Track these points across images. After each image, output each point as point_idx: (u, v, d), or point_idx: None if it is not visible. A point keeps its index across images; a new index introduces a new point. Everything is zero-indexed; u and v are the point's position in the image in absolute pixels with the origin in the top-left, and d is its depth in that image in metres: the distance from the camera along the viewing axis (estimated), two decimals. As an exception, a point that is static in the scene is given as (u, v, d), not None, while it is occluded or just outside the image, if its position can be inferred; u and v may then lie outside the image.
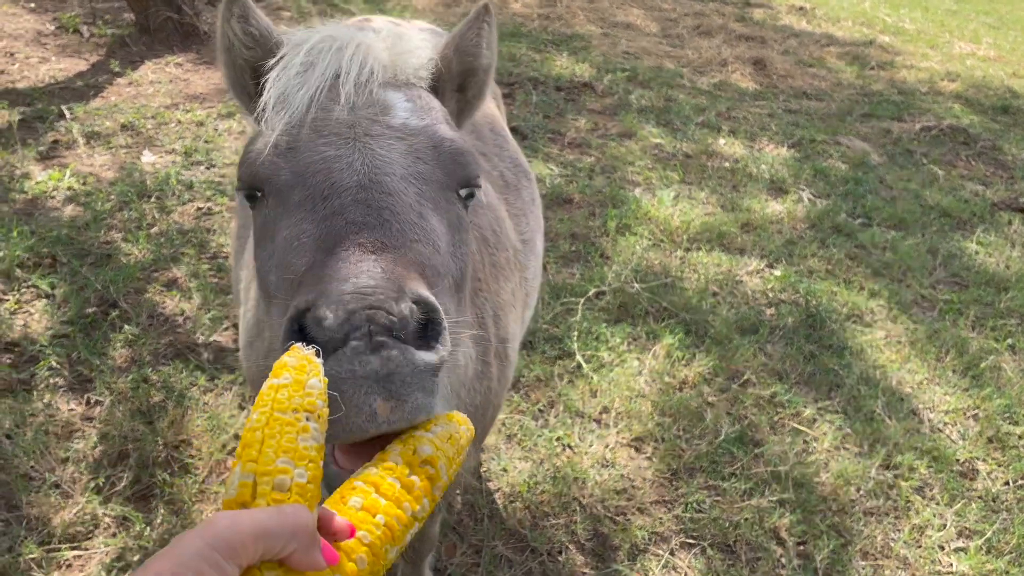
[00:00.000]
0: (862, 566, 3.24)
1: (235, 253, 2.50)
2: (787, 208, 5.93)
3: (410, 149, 1.39)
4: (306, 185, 1.30)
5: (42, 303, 3.98)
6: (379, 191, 1.26)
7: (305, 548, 0.87)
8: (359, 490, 1.03)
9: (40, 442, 3.23)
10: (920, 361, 4.47)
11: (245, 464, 0.94)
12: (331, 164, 1.30)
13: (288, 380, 1.00)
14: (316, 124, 1.38)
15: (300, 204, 1.29)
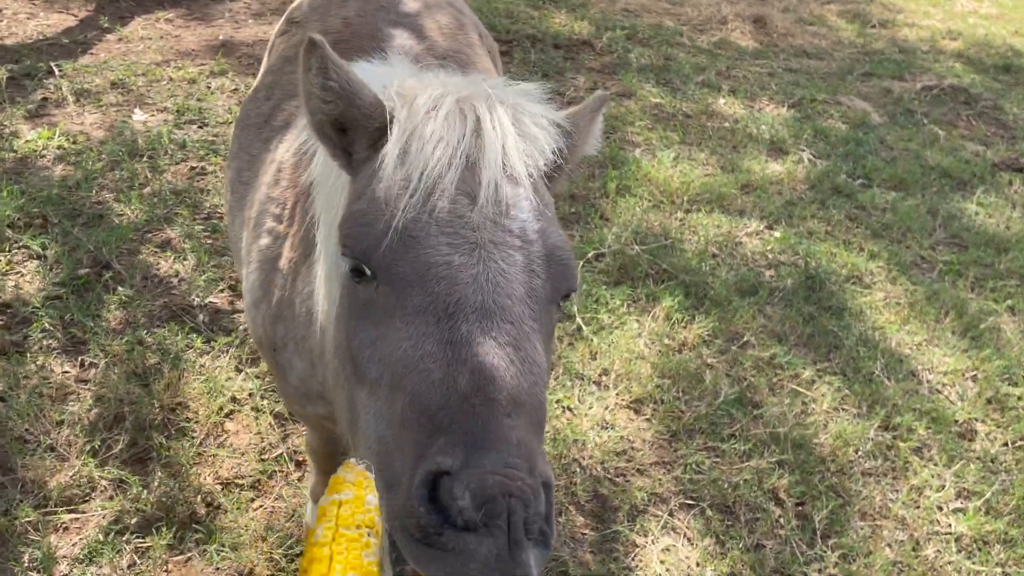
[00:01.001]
0: (860, 526, 3.25)
1: (231, 209, 2.44)
2: (787, 169, 5.87)
3: (527, 261, 1.32)
4: (427, 291, 1.23)
5: (34, 264, 3.92)
6: (503, 318, 1.21)
7: None
8: None
9: (34, 405, 3.20)
10: (919, 322, 4.45)
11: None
12: (456, 274, 1.23)
13: (350, 496, 1.07)
14: (440, 217, 1.28)
15: (421, 312, 1.22)
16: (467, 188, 1.32)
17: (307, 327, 1.93)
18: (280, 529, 2.95)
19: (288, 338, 1.98)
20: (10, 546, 2.75)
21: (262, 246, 2.04)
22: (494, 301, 1.22)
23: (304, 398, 2.08)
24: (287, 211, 1.99)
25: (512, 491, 1.01)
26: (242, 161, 2.36)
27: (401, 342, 1.21)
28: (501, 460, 1.04)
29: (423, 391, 1.14)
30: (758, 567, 3.04)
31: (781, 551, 3.12)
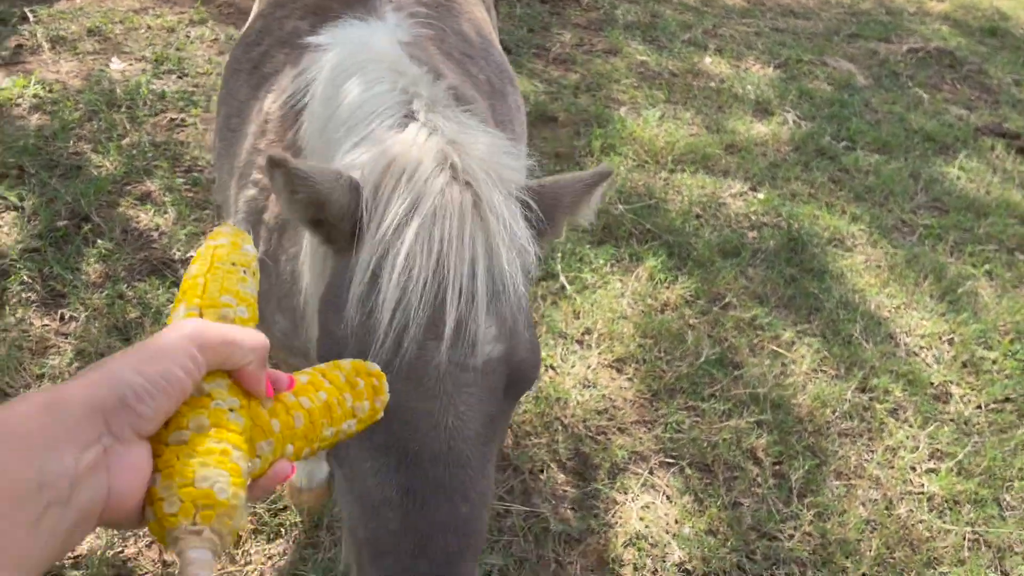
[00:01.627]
0: (836, 485, 3.32)
1: (219, 156, 2.39)
2: (772, 130, 5.86)
3: (488, 392, 1.33)
4: (391, 432, 1.28)
5: (11, 216, 3.86)
6: (457, 463, 1.28)
7: (257, 365, 0.93)
8: (308, 372, 1.09)
9: (14, 358, 3.17)
10: (898, 286, 4.50)
11: (190, 301, 0.99)
12: (417, 421, 1.28)
13: (225, 243, 1.08)
14: (407, 362, 1.29)
15: (383, 450, 1.30)
16: (435, 331, 1.30)
17: (291, 285, 1.92)
18: (264, 484, 2.96)
19: (271, 294, 1.97)
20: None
21: (248, 197, 2.02)
22: (450, 447, 1.28)
23: (287, 351, 2.08)
24: None
25: None
26: (231, 107, 2.32)
27: (368, 475, 1.31)
28: None
29: (381, 537, 1.28)
30: (735, 524, 3.10)
31: (758, 509, 3.18)
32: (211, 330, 0.90)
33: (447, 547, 1.26)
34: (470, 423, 1.30)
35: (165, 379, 0.82)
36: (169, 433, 0.86)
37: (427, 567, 1.24)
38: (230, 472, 0.85)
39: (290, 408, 1.00)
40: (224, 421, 0.89)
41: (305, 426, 1.00)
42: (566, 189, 1.53)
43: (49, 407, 0.76)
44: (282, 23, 2.38)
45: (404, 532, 1.26)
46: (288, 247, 1.89)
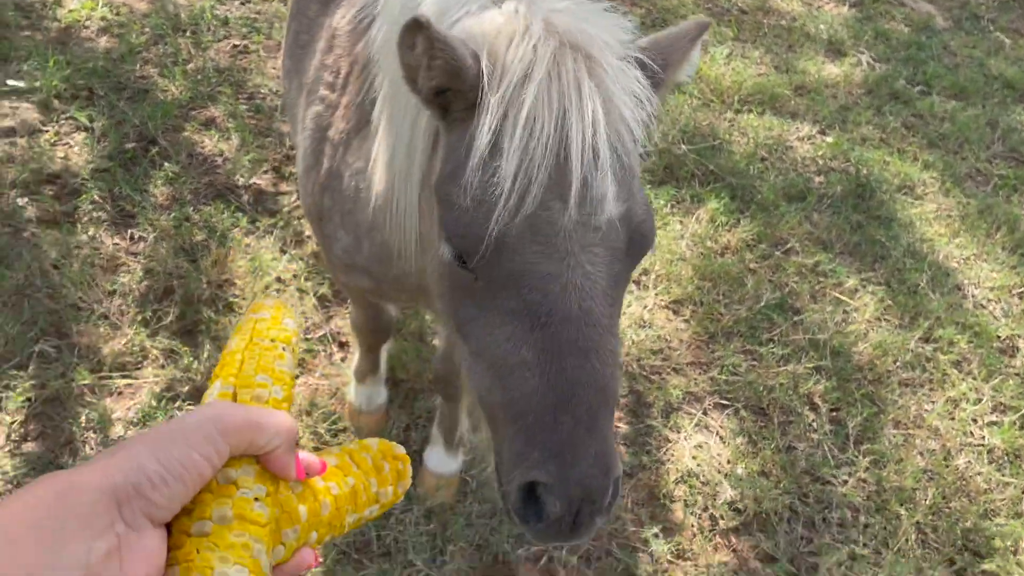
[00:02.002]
0: (893, 434, 3.28)
1: (288, 73, 2.39)
2: (844, 72, 5.66)
3: (611, 255, 1.35)
4: (521, 297, 1.30)
5: (81, 136, 3.93)
6: (587, 323, 1.29)
7: (285, 450, 0.91)
8: (336, 454, 1.07)
9: (87, 274, 3.27)
10: (969, 236, 4.36)
11: (226, 379, 0.98)
12: (547, 284, 1.29)
13: (267, 316, 1.07)
14: (533, 224, 1.29)
15: (516, 315, 1.31)
16: (559, 190, 1.31)
17: (354, 201, 1.93)
18: (323, 406, 3.04)
19: (334, 210, 1.99)
20: (68, 407, 2.86)
21: (314, 113, 2.02)
22: (580, 307, 1.29)
23: (348, 269, 2.10)
24: (340, 79, 1.96)
25: (587, 496, 1.25)
26: (300, 23, 2.31)
27: (500, 341, 1.33)
28: (583, 473, 1.24)
29: (519, 399, 1.30)
30: (789, 468, 3.09)
31: (812, 454, 3.16)
32: (235, 414, 0.88)
33: (588, 403, 1.27)
34: (598, 283, 1.31)
35: (183, 465, 0.80)
36: (192, 522, 0.84)
37: (570, 423, 1.26)
38: (249, 568, 0.83)
39: (318, 494, 0.98)
40: (248, 512, 0.87)
41: (331, 513, 0.99)
42: (672, 44, 1.52)
43: (62, 495, 0.74)
44: None
45: (544, 391, 1.28)
46: (352, 162, 1.89)
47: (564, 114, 1.33)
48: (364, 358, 2.90)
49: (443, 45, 1.31)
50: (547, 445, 1.26)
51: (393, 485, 1.10)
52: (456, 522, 2.76)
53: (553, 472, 1.24)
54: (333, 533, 1.01)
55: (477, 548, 2.74)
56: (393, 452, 1.12)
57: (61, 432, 2.81)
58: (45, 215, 3.51)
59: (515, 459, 1.29)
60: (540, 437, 1.27)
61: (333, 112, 1.98)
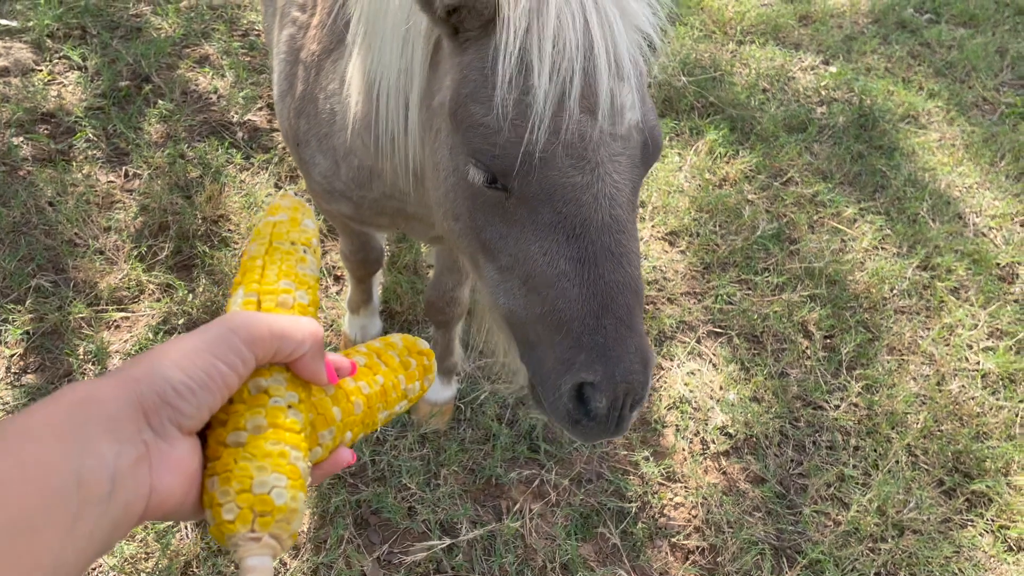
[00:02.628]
0: (887, 360, 3.29)
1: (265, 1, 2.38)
2: (850, 1, 5.53)
3: (631, 160, 1.39)
4: (556, 209, 1.34)
5: (75, 75, 3.92)
6: (618, 230, 1.35)
7: (313, 355, 0.90)
8: (364, 352, 1.08)
9: (82, 211, 3.29)
10: (973, 164, 4.31)
11: (248, 286, 0.96)
12: (580, 195, 1.33)
13: (284, 218, 1.04)
14: (565, 139, 1.32)
15: (551, 228, 1.35)
16: (587, 104, 1.33)
17: (330, 124, 1.92)
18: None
19: (311, 134, 1.98)
20: (65, 339, 2.90)
21: (287, 36, 2.01)
22: (611, 215, 1.34)
23: (328, 195, 2.10)
24: (309, 0, 1.94)
25: (630, 391, 1.32)
26: None
27: (536, 255, 1.37)
28: (626, 370, 1.31)
29: (563, 307, 1.34)
30: (780, 393, 3.11)
31: (805, 379, 3.18)
32: (259, 324, 0.86)
33: (626, 304, 1.34)
34: (623, 190, 1.36)
35: (207, 374, 0.79)
36: (227, 433, 0.84)
37: (613, 324, 1.32)
38: (288, 475, 0.83)
39: (350, 394, 1.00)
40: (282, 420, 0.87)
41: (364, 411, 1.01)
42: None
43: (84, 403, 0.73)
44: None
45: (586, 297, 1.33)
46: (326, 84, 1.88)
47: (586, 25, 1.33)
48: (356, 289, 2.92)
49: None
50: (593, 347, 1.32)
51: (420, 380, 1.11)
52: (449, 447, 2.80)
53: (600, 371, 1.31)
54: (367, 431, 1.04)
55: (470, 472, 2.78)
56: (418, 347, 1.14)
57: (60, 364, 2.86)
58: (40, 154, 3.53)
59: (561, 365, 1.35)
60: (585, 340, 1.32)
61: (304, 33, 1.96)
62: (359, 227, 2.41)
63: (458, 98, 1.41)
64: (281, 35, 2.05)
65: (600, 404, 1.32)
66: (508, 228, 1.40)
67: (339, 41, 1.86)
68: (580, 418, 1.35)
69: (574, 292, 1.33)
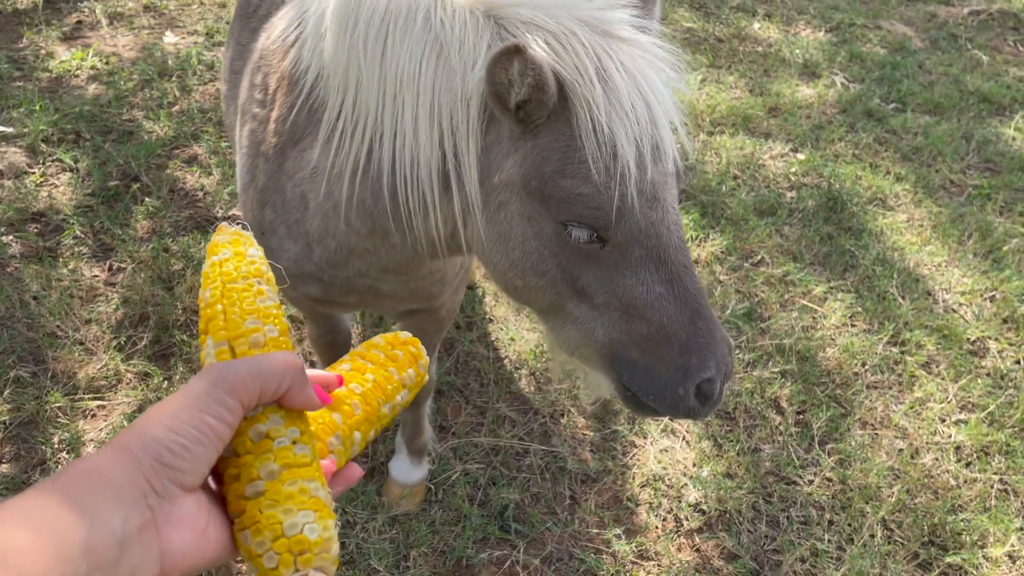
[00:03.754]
0: (859, 434, 3.30)
1: (226, 99, 2.51)
2: (818, 93, 5.76)
3: (675, 189, 1.65)
4: (643, 246, 1.56)
5: (66, 176, 4.08)
6: (684, 249, 1.61)
7: (299, 384, 0.92)
8: (347, 359, 1.10)
9: (65, 304, 3.38)
10: (940, 244, 4.41)
11: (216, 335, 0.96)
12: (658, 229, 1.57)
13: (228, 255, 1.03)
14: (639, 186, 1.55)
15: (641, 263, 1.58)
16: (655, 154, 1.59)
17: (302, 211, 2.00)
18: (292, 421, 3.10)
19: (278, 222, 2.06)
20: (41, 428, 2.94)
21: (248, 131, 2.12)
22: (678, 237, 1.60)
23: (296, 279, 2.16)
24: (268, 95, 2.06)
25: (728, 372, 1.60)
26: (234, 51, 2.44)
27: (635, 286, 1.59)
28: (723, 356, 1.58)
29: (667, 322, 1.58)
30: (753, 468, 3.12)
31: (778, 455, 3.18)
32: (238, 370, 0.88)
33: (706, 303, 1.61)
34: (678, 216, 1.63)
35: (198, 429, 0.82)
36: (244, 486, 0.86)
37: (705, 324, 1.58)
38: (314, 508, 0.86)
39: (344, 398, 1.03)
40: (292, 459, 0.89)
41: (365, 410, 1.03)
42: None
43: (89, 474, 0.76)
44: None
45: (682, 310, 1.58)
46: (293, 172, 1.97)
47: (644, 90, 1.58)
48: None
49: (535, 65, 1.50)
50: (699, 349, 1.57)
51: (413, 367, 1.13)
52: (419, 529, 2.80)
53: (712, 367, 1.56)
54: (376, 426, 1.06)
55: (440, 554, 2.77)
56: (400, 339, 1.15)
57: (35, 453, 2.89)
58: (28, 251, 3.65)
59: (678, 373, 1.59)
60: (692, 344, 1.57)
61: (265, 127, 2.07)
62: (325, 309, 2.48)
63: (542, 176, 1.61)
64: (243, 131, 2.16)
65: (716, 391, 1.58)
66: (602, 271, 1.62)
67: (304, 133, 1.97)
68: (701, 409, 1.59)
69: (672, 308, 1.58)
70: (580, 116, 1.54)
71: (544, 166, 1.60)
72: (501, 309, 3.70)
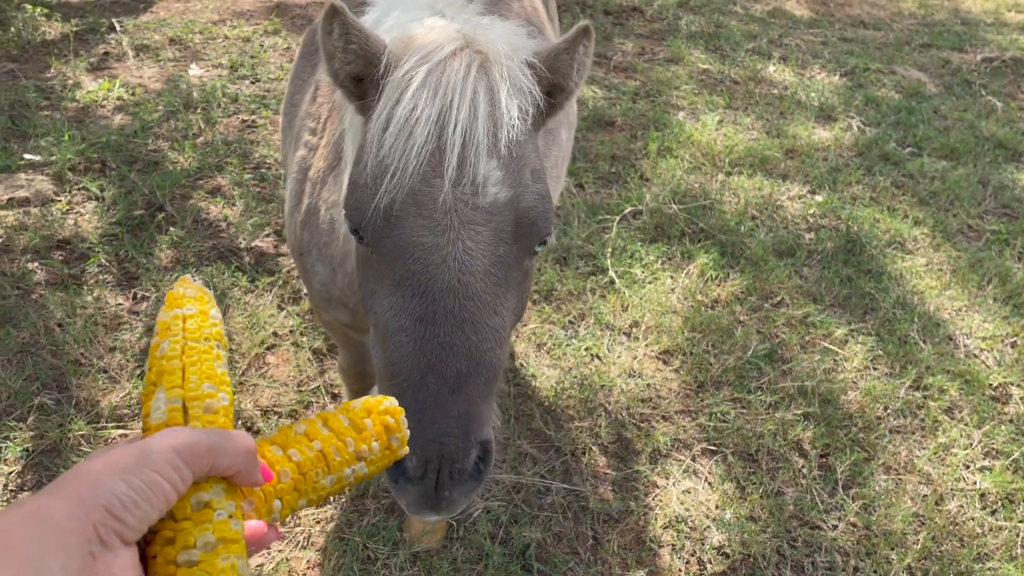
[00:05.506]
0: (883, 479, 3.27)
1: (284, 131, 2.57)
2: (834, 135, 5.81)
3: (495, 234, 1.44)
4: (406, 267, 1.41)
5: (92, 205, 4.12)
6: (466, 296, 1.39)
7: (248, 470, 0.94)
8: (308, 421, 1.08)
9: (89, 332, 3.39)
10: (960, 288, 4.40)
11: (170, 391, 0.96)
12: (428, 255, 1.39)
13: (193, 311, 1.03)
14: (417, 197, 1.41)
15: (400, 285, 1.42)
16: (441, 169, 1.42)
17: (329, 234, 2.05)
18: (314, 454, 3.09)
19: (312, 244, 2.10)
20: (63, 456, 2.93)
21: (299, 158, 2.16)
22: (459, 280, 1.39)
23: (326, 302, 2.19)
24: (320, 124, 2.10)
25: (443, 453, 1.33)
26: (295, 85, 2.49)
27: (386, 309, 1.44)
28: (440, 431, 1.33)
29: (396, 361, 1.40)
30: (777, 512, 3.09)
31: (801, 498, 3.16)
32: (199, 442, 0.89)
33: (457, 368, 1.37)
34: (478, 259, 1.41)
35: (151, 489, 0.83)
36: (177, 552, 0.86)
37: (435, 384, 1.35)
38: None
39: (274, 463, 1.00)
40: (228, 533, 0.89)
41: (294, 478, 1.01)
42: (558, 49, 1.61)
43: (33, 516, 0.76)
44: None
45: (416, 354, 1.37)
46: (327, 196, 2.02)
47: (446, 101, 1.45)
48: (351, 404, 2.95)
49: (357, 30, 1.45)
50: (410, 403, 1.34)
51: (381, 439, 1.08)
52: (441, 566, 2.77)
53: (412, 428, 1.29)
54: (307, 498, 1.02)
55: (462, 593, 2.74)
56: (379, 407, 1.10)
57: (56, 481, 2.87)
58: (53, 278, 3.66)
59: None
60: (406, 396, 1.36)
61: (314, 154, 2.12)
62: (357, 336, 2.49)
63: (353, 162, 1.54)
64: (295, 156, 2.21)
65: (411, 463, 1.34)
66: (375, 283, 1.48)
67: (339, 158, 2.01)
68: (397, 477, 1.38)
69: (407, 348, 1.39)
70: (376, 101, 1.47)
71: (356, 154, 1.54)
72: (521, 345, 3.70)
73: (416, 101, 1.43)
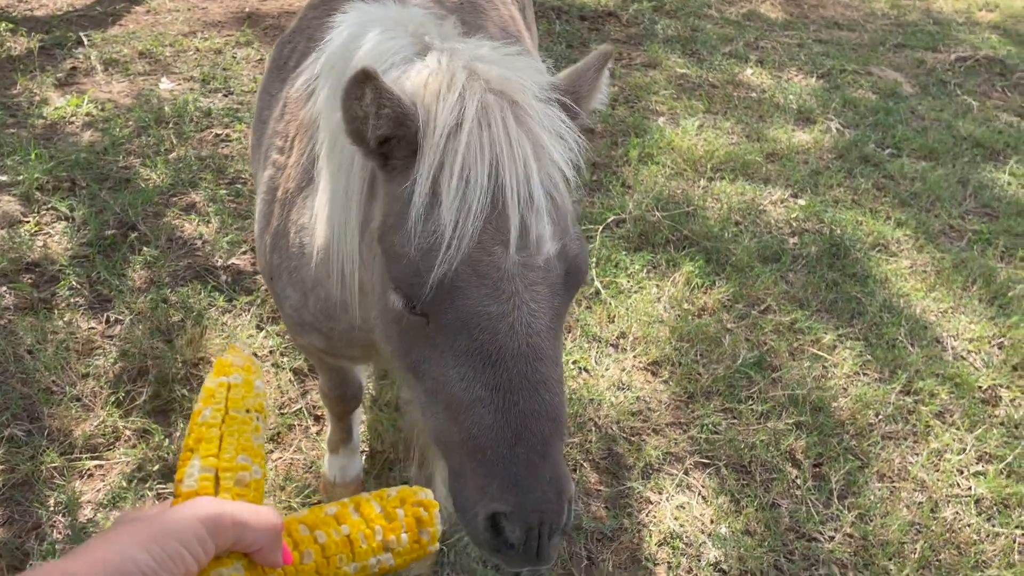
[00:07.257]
0: (878, 487, 3.23)
1: (253, 148, 2.48)
2: (814, 138, 5.79)
3: (550, 288, 1.42)
4: (472, 337, 1.36)
5: (61, 225, 4.00)
6: (535, 358, 1.37)
7: (271, 548, 0.94)
8: (341, 504, 1.08)
9: (61, 358, 3.27)
10: (945, 290, 4.39)
11: (205, 458, 0.97)
12: (495, 324, 1.35)
13: (239, 380, 1.04)
14: (478, 268, 1.36)
15: (468, 355, 1.37)
16: (500, 235, 1.37)
17: (299, 258, 1.97)
18: (298, 479, 3.00)
19: (282, 268, 2.03)
20: (36, 490, 2.82)
21: (267, 177, 2.09)
22: (528, 344, 1.36)
23: (299, 327, 2.12)
24: (288, 142, 2.03)
25: (544, 520, 1.33)
26: (263, 101, 2.41)
27: (454, 381, 1.39)
28: (538, 499, 1.32)
29: (478, 434, 1.36)
30: (773, 525, 3.03)
31: (796, 510, 3.11)
32: (225, 515, 0.90)
33: (541, 433, 1.35)
34: (541, 319, 1.38)
35: (172, 560, 0.84)
36: None
37: (525, 453, 1.33)
38: None
39: (300, 543, 1.00)
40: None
41: (317, 561, 1.00)
42: (581, 77, 1.58)
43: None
44: (311, 22, 2.46)
45: (499, 425, 1.34)
46: (296, 219, 1.94)
47: (496, 161, 1.38)
48: (336, 427, 2.88)
49: (389, 95, 1.36)
50: (505, 476, 1.33)
51: (411, 532, 1.07)
52: (432, 593, 2.69)
53: (512, 501, 1.32)
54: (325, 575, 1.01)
55: (454, 620, 2.66)
56: (414, 498, 1.10)
57: (29, 516, 2.76)
58: (22, 302, 3.54)
59: (477, 493, 1.36)
60: (498, 469, 1.34)
61: (282, 173, 2.04)
62: (333, 361, 2.41)
63: (384, 227, 1.46)
64: (263, 176, 2.13)
65: (514, 534, 1.33)
66: (431, 352, 1.42)
67: (310, 179, 1.93)
68: (499, 547, 1.36)
69: (488, 419, 1.35)
70: (416, 166, 1.40)
71: (388, 216, 1.46)
72: (508, 360, 3.63)
73: (466, 164, 1.37)
